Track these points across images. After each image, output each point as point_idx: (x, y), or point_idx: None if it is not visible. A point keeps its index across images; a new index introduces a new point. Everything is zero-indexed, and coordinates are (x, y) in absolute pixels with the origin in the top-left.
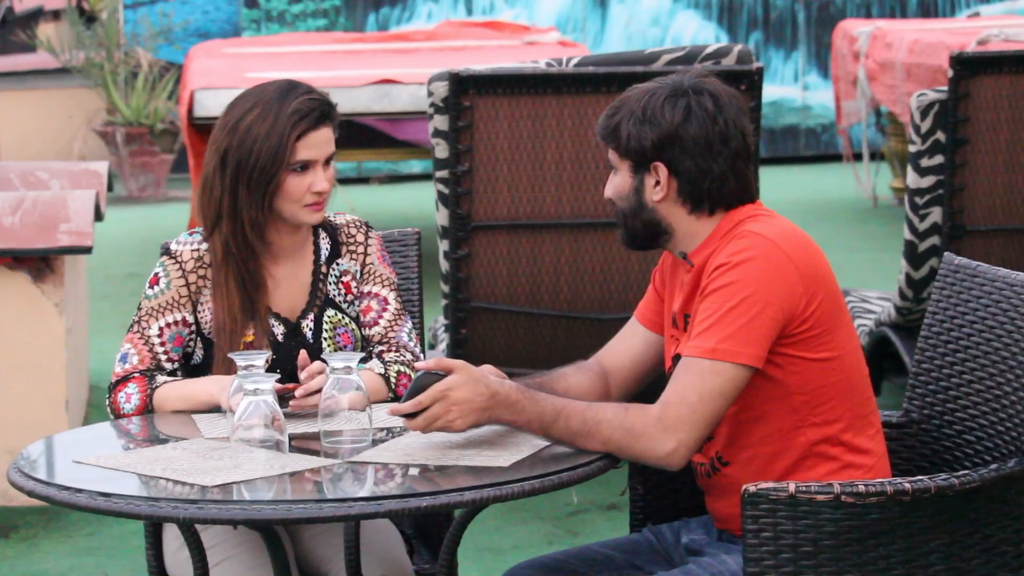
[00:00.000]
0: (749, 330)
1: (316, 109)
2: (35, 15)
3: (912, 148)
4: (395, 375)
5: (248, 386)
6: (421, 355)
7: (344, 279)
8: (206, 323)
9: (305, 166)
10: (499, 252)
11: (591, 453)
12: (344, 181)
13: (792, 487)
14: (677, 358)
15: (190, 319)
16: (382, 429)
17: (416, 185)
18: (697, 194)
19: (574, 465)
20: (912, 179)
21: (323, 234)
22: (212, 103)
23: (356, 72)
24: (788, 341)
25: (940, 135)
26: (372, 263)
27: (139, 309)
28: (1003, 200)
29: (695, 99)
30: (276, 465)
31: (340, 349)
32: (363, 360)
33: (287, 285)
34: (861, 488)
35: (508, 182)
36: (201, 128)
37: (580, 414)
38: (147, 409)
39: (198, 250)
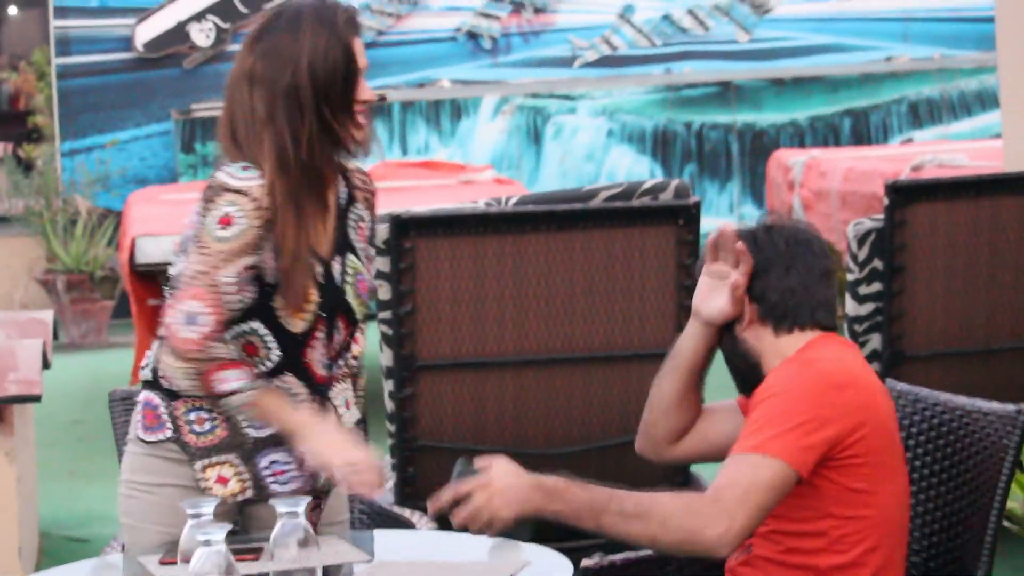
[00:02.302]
0: (798, 436)
1: (357, 16)
2: None
3: (850, 276)
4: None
5: (200, 537)
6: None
7: (360, 224)
8: (265, 264)
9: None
10: (444, 391)
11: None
12: None
13: None
14: None
15: (256, 262)
16: (332, 568)
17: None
18: (775, 312)
19: None
20: (851, 307)
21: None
22: (153, 250)
23: None
24: (831, 463)
25: (877, 262)
26: (376, 222)
27: (206, 252)
28: (942, 325)
29: (765, 227)
30: None
31: (358, 296)
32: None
33: (321, 224)
34: None
35: (450, 321)
36: (143, 275)
37: (634, 496)
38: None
39: (263, 185)
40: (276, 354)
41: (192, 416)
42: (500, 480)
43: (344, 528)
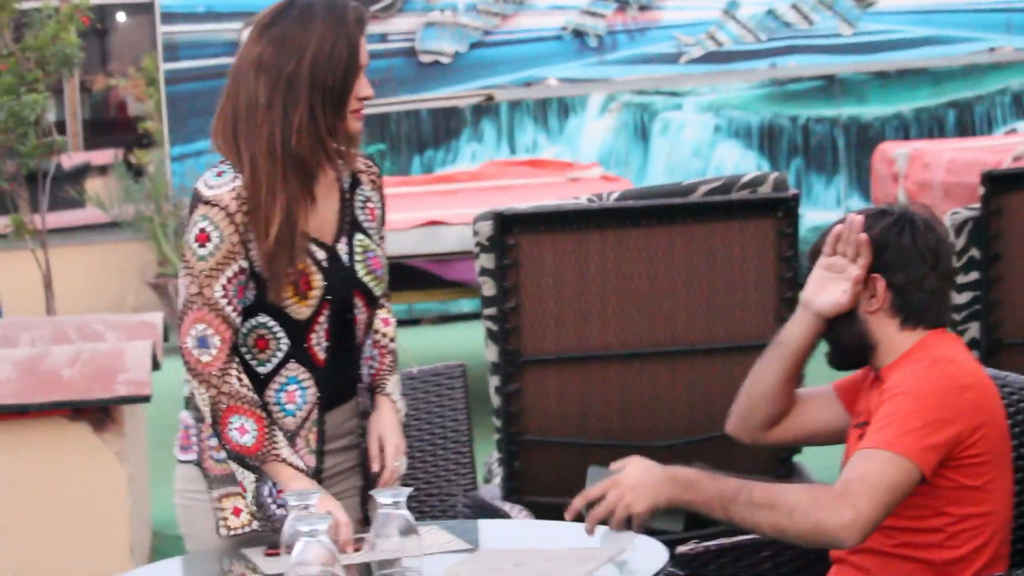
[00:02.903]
0: (924, 435)
1: (366, 15)
2: (83, 171)
3: None
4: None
5: (303, 528)
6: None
7: (369, 205)
8: (257, 261)
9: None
10: (549, 385)
11: None
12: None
13: None
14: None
15: (245, 265)
16: (433, 556)
17: (466, 324)
18: (909, 308)
19: None
20: None
21: (339, 160)
22: None
23: (402, 215)
24: (952, 463)
25: (974, 251)
26: (384, 205)
27: (192, 273)
28: None
29: (904, 215)
30: None
31: (371, 273)
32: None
33: (322, 209)
34: None
35: (555, 317)
36: None
37: (762, 487)
38: (260, 450)
39: (235, 188)
40: (285, 343)
41: (213, 442)
42: (631, 476)
43: None
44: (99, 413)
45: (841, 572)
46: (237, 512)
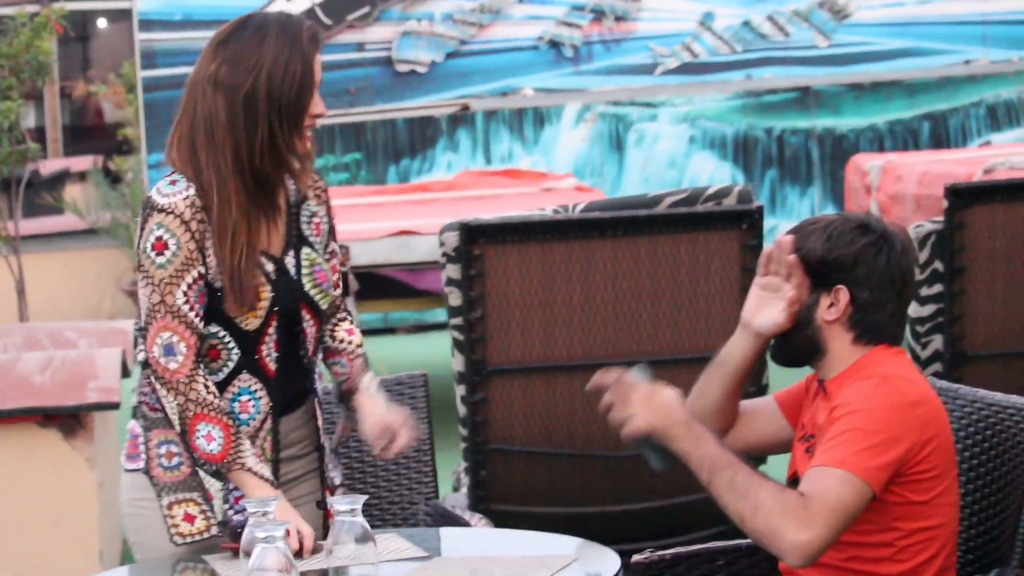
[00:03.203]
0: (876, 452)
1: (320, 33)
2: (61, 178)
3: None
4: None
5: (260, 534)
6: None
7: (315, 220)
8: (211, 270)
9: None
10: (514, 395)
11: None
12: (370, 332)
13: None
14: (795, 479)
15: (203, 271)
16: (390, 563)
17: (441, 334)
18: (865, 326)
19: None
20: (913, 308)
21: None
22: None
23: (375, 224)
24: (901, 479)
25: (938, 264)
26: (333, 218)
27: (152, 282)
28: (1002, 326)
29: (884, 236)
30: None
31: (317, 286)
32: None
33: (272, 225)
34: None
35: (520, 327)
36: None
37: (748, 474)
38: (226, 457)
39: (189, 196)
40: (235, 354)
41: (163, 449)
42: (659, 393)
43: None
44: (69, 420)
45: None
46: (189, 519)
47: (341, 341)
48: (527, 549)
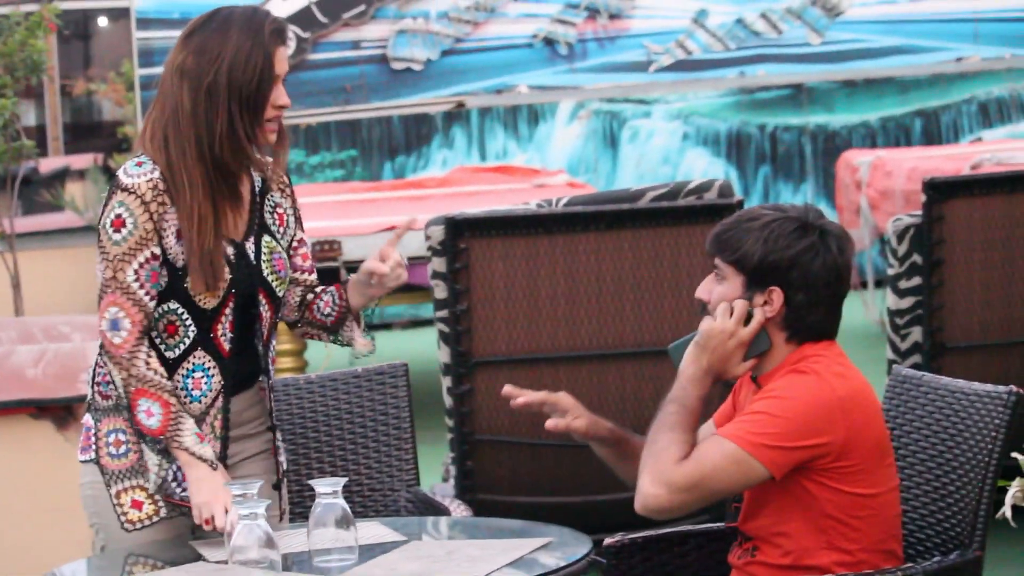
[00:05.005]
0: (779, 438)
1: (285, 27)
2: (61, 175)
3: (890, 271)
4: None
5: (243, 511)
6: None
7: (278, 211)
8: (170, 249)
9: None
10: (500, 386)
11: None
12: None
13: None
14: None
15: (158, 252)
16: (370, 546)
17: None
18: (798, 325)
19: (551, 570)
20: (892, 301)
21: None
22: None
23: (367, 220)
24: (825, 472)
25: (917, 257)
26: (298, 210)
27: (108, 257)
28: (980, 318)
29: (821, 237)
30: None
31: (275, 273)
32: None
33: (234, 211)
34: None
35: (505, 319)
36: None
37: (679, 418)
38: (164, 433)
39: (152, 179)
40: (192, 330)
41: (111, 438)
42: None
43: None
44: (62, 411)
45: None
46: (137, 505)
47: (317, 290)
48: (502, 534)
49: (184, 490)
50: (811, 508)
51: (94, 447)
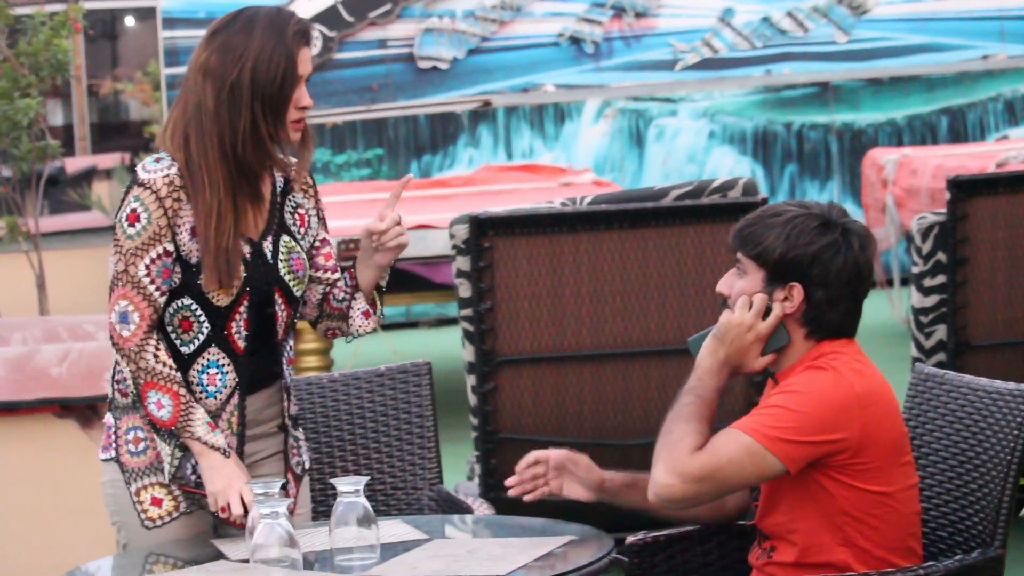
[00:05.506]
0: (795, 432)
1: (309, 28)
2: (88, 175)
3: (915, 269)
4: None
5: (265, 511)
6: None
7: (300, 211)
8: (184, 246)
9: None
10: (524, 385)
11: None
12: (392, 326)
13: None
14: None
15: (171, 248)
16: (392, 544)
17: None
18: (818, 322)
19: (573, 568)
20: (916, 299)
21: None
22: None
23: None
24: (841, 469)
25: (941, 255)
26: (322, 210)
27: (120, 251)
28: (1004, 316)
29: (843, 234)
30: None
31: (293, 272)
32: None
33: (254, 210)
34: None
35: (529, 317)
36: None
37: (696, 408)
38: (175, 424)
39: (168, 175)
40: (206, 327)
41: (130, 435)
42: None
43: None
44: (86, 410)
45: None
46: (157, 502)
47: (339, 279)
48: (524, 532)
49: (198, 476)
50: (826, 504)
51: (114, 445)
